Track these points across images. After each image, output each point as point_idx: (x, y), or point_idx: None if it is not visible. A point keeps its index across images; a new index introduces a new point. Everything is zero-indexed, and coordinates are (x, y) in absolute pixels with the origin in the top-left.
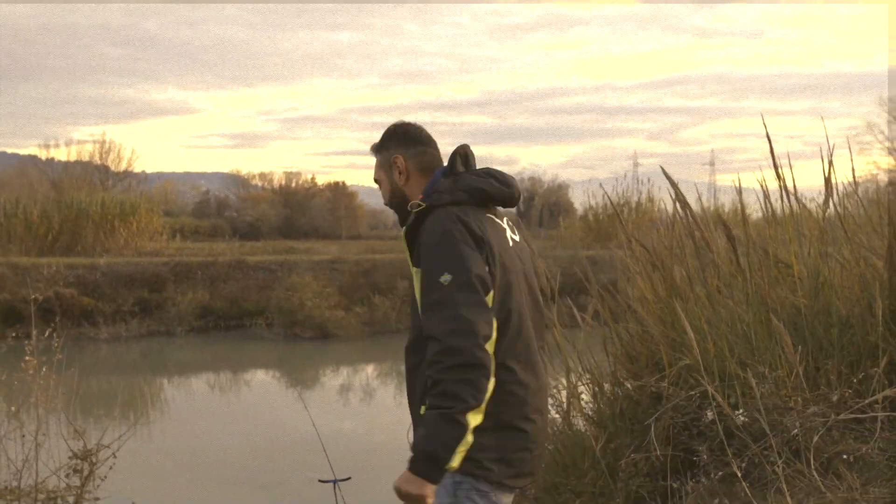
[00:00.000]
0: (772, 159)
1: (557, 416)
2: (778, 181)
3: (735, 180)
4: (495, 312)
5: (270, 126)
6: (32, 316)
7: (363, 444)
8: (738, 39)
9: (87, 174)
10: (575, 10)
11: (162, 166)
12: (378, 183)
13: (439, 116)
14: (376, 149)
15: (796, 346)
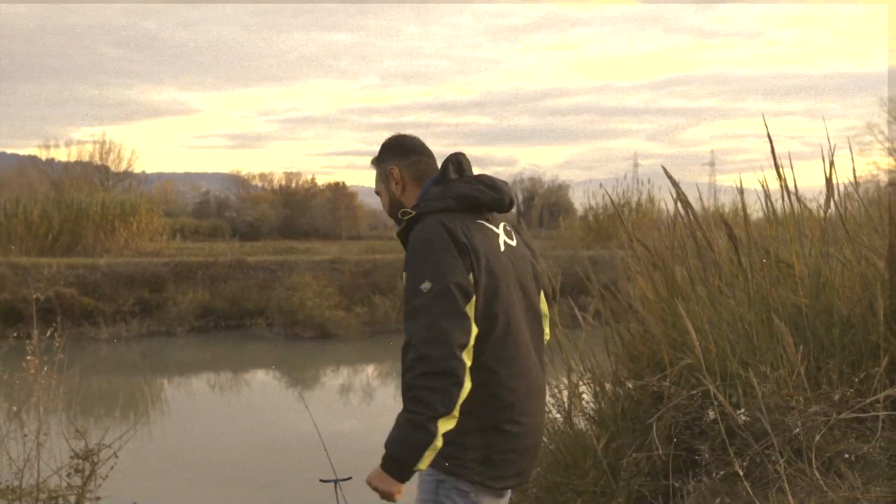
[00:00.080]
0: (773, 159)
1: (559, 416)
2: (779, 181)
3: (736, 180)
4: (479, 318)
5: (270, 126)
6: (34, 316)
7: (363, 444)
8: (738, 40)
9: (87, 174)
10: (575, 11)
11: (162, 167)
12: (379, 195)
13: (439, 117)
14: (375, 162)
15: (798, 346)
